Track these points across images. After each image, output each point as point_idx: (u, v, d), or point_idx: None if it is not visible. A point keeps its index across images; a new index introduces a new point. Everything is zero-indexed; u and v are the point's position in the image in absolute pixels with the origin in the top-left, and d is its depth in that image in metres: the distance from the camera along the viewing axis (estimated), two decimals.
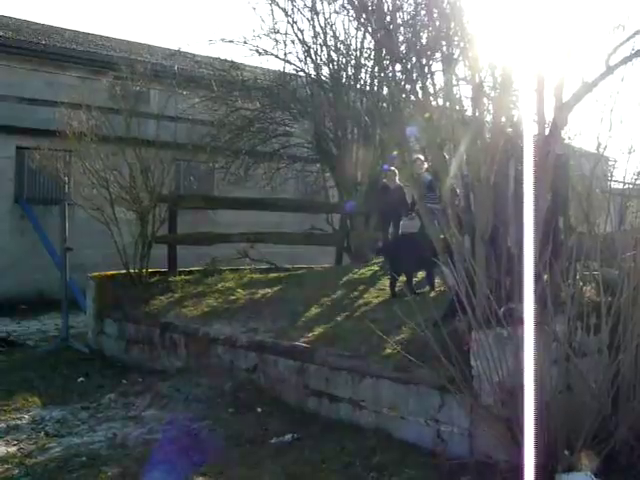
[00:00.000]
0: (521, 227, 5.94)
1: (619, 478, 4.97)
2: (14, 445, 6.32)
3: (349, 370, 6.38)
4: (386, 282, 9.67)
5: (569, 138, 6.37)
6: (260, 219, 13.70)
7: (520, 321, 5.39)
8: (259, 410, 6.86)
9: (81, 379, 8.43)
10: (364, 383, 6.26)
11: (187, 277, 10.53)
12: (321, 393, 6.64)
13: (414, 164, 10.85)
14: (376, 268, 10.92)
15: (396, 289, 8.58)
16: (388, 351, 6.38)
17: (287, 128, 12.54)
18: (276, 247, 12.18)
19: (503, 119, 5.88)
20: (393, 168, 11.47)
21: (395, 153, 11.70)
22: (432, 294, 8.50)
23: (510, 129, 6.00)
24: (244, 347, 7.49)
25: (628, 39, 5.69)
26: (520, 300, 5.58)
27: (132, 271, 10.17)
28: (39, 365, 9.20)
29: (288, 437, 6.11)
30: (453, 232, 5.87)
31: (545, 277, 5.52)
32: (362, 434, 6.05)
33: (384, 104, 11.97)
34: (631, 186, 6.45)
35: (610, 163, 8.19)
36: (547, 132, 5.77)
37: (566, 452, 4.86)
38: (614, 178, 6.94)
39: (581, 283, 5.69)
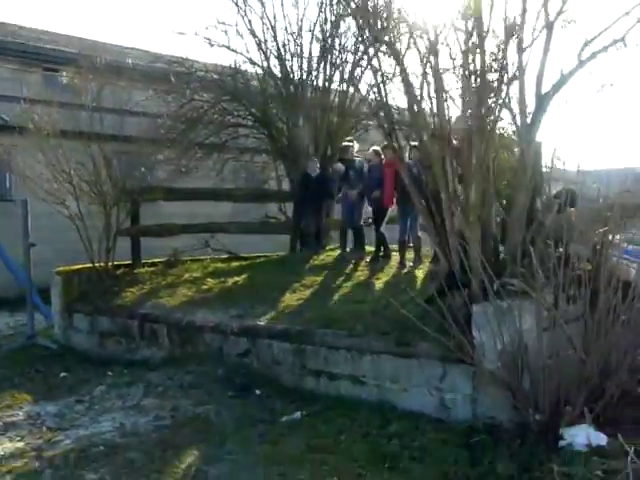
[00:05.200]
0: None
1: (609, 429, 5.54)
2: (19, 441, 6.34)
3: (348, 348, 6.75)
4: (349, 267, 10.09)
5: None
6: (206, 210, 13.85)
7: (515, 293, 5.96)
8: (258, 392, 7.12)
9: (63, 374, 8.43)
10: (364, 360, 6.65)
11: (151, 269, 10.60)
12: (319, 372, 6.98)
13: (347, 149, 11.35)
14: (334, 254, 11.30)
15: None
16: (383, 329, 6.79)
17: (239, 120, 12.72)
18: (227, 237, 12.32)
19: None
20: (315, 159, 11.83)
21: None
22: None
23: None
24: (234, 333, 7.72)
25: (595, 37, 6.26)
26: (512, 275, 6.16)
27: (97, 265, 10.14)
28: (11, 363, 9.09)
29: (297, 414, 6.43)
30: (448, 214, 6.32)
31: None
32: (366, 408, 6.43)
33: (335, 98, 12.45)
34: None
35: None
36: (529, 120, 6.30)
37: (568, 408, 5.41)
38: None
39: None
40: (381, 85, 6.83)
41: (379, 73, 6.84)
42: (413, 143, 9.38)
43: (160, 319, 8.57)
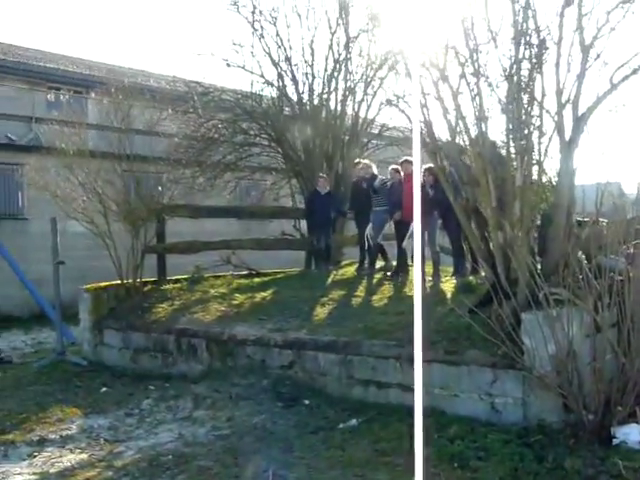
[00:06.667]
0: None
1: None
2: (80, 453, 6.52)
3: (397, 358, 7.06)
4: (370, 282, 10.43)
5: None
6: (214, 227, 14.20)
7: (560, 302, 6.32)
8: (307, 402, 7.38)
9: (104, 389, 8.61)
10: (414, 368, 6.94)
11: (177, 285, 10.82)
12: (368, 382, 7.28)
13: (356, 167, 11.80)
14: (352, 269, 11.63)
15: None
16: (430, 339, 7.10)
17: (257, 139, 13.07)
18: (242, 253, 12.62)
19: None
20: (324, 175, 12.23)
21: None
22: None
23: None
24: (278, 345, 7.99)
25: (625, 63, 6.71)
26: (553, 285, 6.53)
27: (126, 282, 10.35)
28: (48, 379, 9.26)
29: (353, 422, 6.70)
30: (493, 229, 6.71)
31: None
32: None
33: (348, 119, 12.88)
34: None
35: None
36: (567, 141, 6.72)
37: (619, 408, 5.80)
38: None
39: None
40: (424, 105, 7.20)
41: (422, 93, 7.20)
42: (426, 166, 9.83)
43: (199, 334, 8.81)
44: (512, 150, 6.74)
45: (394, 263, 11.28)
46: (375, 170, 11.42)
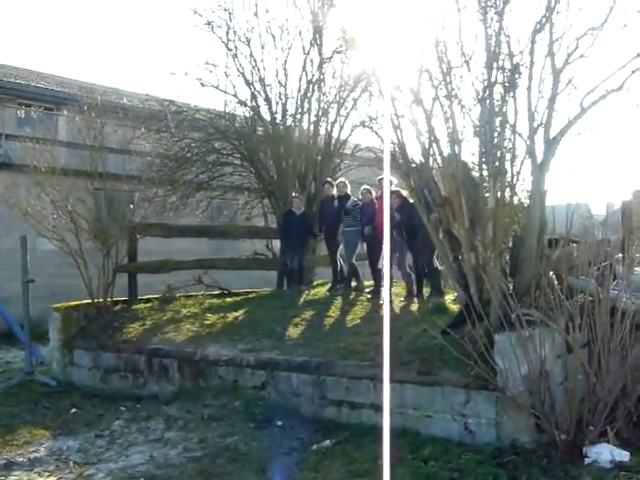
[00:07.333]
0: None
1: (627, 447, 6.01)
2: (49, 476, 6.38)
3: (371, 378, 7.06)
4: (343, 302, 10.43)
5: None
6: (184, 246, 14.16)
7: (532, 323, 6.40)
8: (279, 423, 7.33)
9: (73, 410, 8.45)
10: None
11: (148, 305, 10.72)
12: (341, 402, 7.27)
13: (325, 185, 11.89)
14: (325, 289, 11.62)
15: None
16: (403, 359, 7.14)
17: (230, 159, 13.10)
18: (213, 272, 12.56)
19: None
20: (299, 195, 12.27)
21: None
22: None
23: None
24: (251, 366, 7.95)
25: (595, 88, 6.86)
26: (525, 306, 6.60)
27: (96, 301, 10.23)
28: (15, 400, 9.07)
29: (327, 442, 6.67)
30: (466, 250, 6.78)
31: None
32: (391, 434, 6.73)
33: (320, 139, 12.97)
34: None
35: None
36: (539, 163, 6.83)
37: (591, 428, 5.87)
38: None
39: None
40: (397, 126, 7.28)
41: (395, 114, 7.28)
42: (394, 189, 9.96)
43: (171, 354, 8.72)
44: (485, 172, 6.88)
45: (366, 283, 11.32)
46: (349, 190, 11.49)
